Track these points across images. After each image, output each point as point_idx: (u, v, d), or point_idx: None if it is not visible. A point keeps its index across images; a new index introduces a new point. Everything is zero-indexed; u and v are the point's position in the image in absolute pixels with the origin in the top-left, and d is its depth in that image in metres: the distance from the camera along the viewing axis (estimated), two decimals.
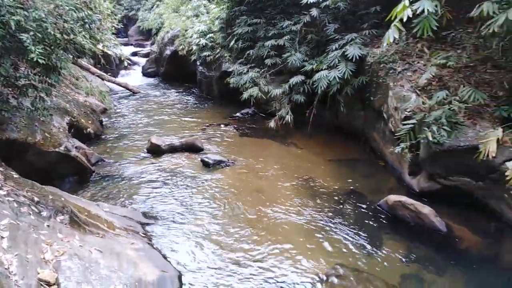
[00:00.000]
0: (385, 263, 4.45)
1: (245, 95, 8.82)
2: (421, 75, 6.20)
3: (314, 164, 6.94)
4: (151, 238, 4.75)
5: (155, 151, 7.33)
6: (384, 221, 5.18)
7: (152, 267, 3.82)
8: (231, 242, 4.76)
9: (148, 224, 5.06)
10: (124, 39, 21.66)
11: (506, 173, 4.01)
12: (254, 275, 4.22)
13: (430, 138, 5.07)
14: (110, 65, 13.71)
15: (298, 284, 4.10)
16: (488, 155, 4.23)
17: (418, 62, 6.69)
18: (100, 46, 8.19)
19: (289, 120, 8.05)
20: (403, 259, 4.51)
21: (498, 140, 4.28)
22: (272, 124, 8.21)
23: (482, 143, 4.32)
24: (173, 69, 13.77)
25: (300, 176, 6.46)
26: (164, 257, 4.34)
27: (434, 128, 5.14)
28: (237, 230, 4.98)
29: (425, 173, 5.64)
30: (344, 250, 4.65)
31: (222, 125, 9.11)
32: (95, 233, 3.88)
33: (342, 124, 8.22)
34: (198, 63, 11.99)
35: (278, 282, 4.12)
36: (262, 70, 9.14)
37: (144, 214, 5.26)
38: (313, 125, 7.96)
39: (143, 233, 4.64)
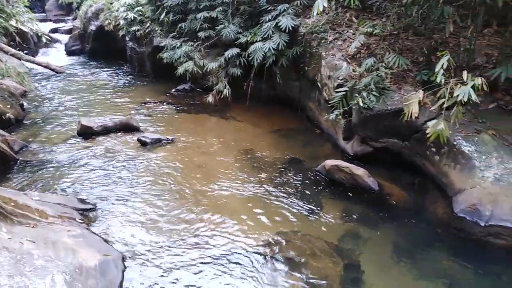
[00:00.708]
0: (325, 224, 4.70)
1: (180, 70, 8.56)
2: (350, 43, 6.44)
3: (254, 136, 7.02)
4: (90, 223, 4.55)
5: (87, 133, 6.92)
6: (322, 185, 5.44)
7: (93, 252, 3.67)
8: (175, 220, 4.71)
9: (85, 210, 4.82)
10: (42, 14, 19.71)
11: (427, 131, 4.36)
12: (199, 249, 4.24)
13: (361, 104, 5.34)
14: (27, 43, 12.46)
15: (242, 253, 4.20)
16: (411, 116, 4.56)
17: (348, 31, 6.93)
18: (13, 22, 7.41)
19: (227, 94, 8.00)
20: (341, 219, 4.80)
21: (419, 102, 4.62)
22: (210, 99, 8.10)
23: (406, 106, 4.64)
24: (100, 46, 12.89)
25: (241, 149, 6.51)
26: (106, 241, 4.19)
27: (364, 94, 5.41)
28: (180, 208, 4.94)
29: (358, 138, 5.96)
30: (287, 216, 4.83)
31: (158, 103, 8.80)
32: (25, 224, 3.62)
33: (279, 95, 8.35)
34: (127, 39, 11.34)
35: (223, 254, 4.19)
36: (196, 44, 8.90)
37: (81, 200, 4.99)
38: (251, 97, 8.00)
39: (80, 219, 4.42)
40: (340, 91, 5.84)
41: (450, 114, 4.38)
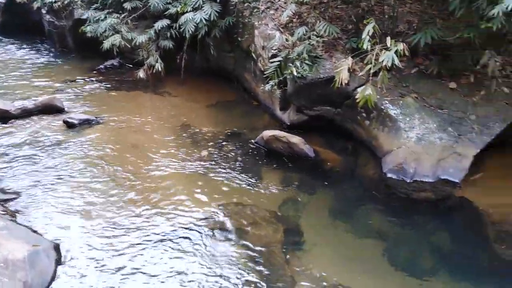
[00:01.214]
0: (265, 194, 4.80)
1: (106, 44, 7.97)
2: (282, 12, 6.41)
3: (191, 111, 6.85)
4: (15, 214, 4.21)
5: (4, 117, 6.27)
6: (261, 156, 5.51)
7: (21, 244, 3.43)
8: (111, 203, 4.52)
9: (8, 200, 4.44)
10: None
11: (356, 97, 4.55)
12: (140, 230, 4.14)
13: (295, 73, 5.40)
14: None
15: (185, 230, 4.17)
16: (341, 83, 4.71)
17: (279, 0, 6.89)
18: None
19: (160, 68, 7.65)
20: (281, 187, 4.93)
21: (348, 69, 4.77)
22: (141, 74, 7.70)
23: (336, 73, 4.78)
24: (12, 20, 11.53)
25: (178, 125, 6.34)
26: (35, 231, 3.92)
27: (298, 63, 5.47)
28: (116, 190, 4.73)
29: (294, 107, 6.07)
30: (228, 189, 4.85)
31: (84, 81, 8.20)
32: None
33: (214, 68, 8.17)
34: (43, 12, 10.27)
35: (165, 233, 4.14)
36: (123, 16, 8.31)
37: (1, 190, 4.58)
38: (185, 71, 7.73)
39: (3, 211, 4.06)
40: (275, 61, 5.85)
41: (377, 79, 4.59)
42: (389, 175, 4.86)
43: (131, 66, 8.77)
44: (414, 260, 4.06)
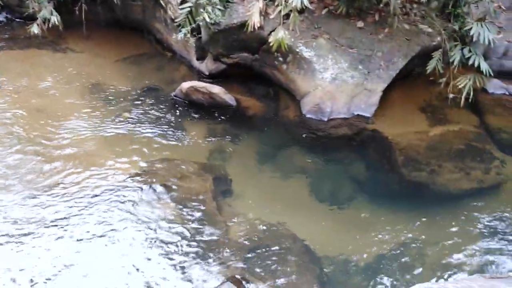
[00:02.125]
0: (190, 146, 4.74)
1: None
2: None
3: (100, 67, 6.30)
4: None
5: None
6: (182, 109, 5.35)
7: None
8: (21, 175, 4.11)
9: None
10: None
11: (269, 41, 4.53)
12: (63, 198, 3.88)
13: (207, 19, 5.17)
14: None
15: (110, 192, 4.00)
16: (254, 28, 4.64)
17: None
18: None
19: (56, 21, 6.76)
20: (205, 138, 4.89)
21: (260, 12, 4.69)
22: (35, 29, 6.76)
23: (248, 17, 4.67)
24: None
25: (87, 84, 5.81)
26: None
27: (209, 8, 5.22)
28: (24, 161, 4.30)
29: (211, 56, 5.89)
30: (151, 146, 4.68)
31: None
32: None
33: (121, 18, 7.47)
34: None
35: (88, 196, 3.93)
36: None
37: None
38: (88, 24, 6.96)
39: None
40: (185, 8, 5.51)
41: (289, 22, 4.60)
42: (308, 116, 5.07)
43: (21, 21, 7.67)
44: (335, 192, 4.42)
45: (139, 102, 5.49)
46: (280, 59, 5.39)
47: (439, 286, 2.19)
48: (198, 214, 3.89)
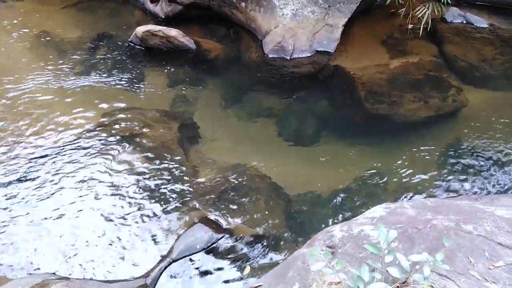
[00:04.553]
0: (152, 94, 4.62)
1: None
2: None
3: (46, 17, 5.83)
4: None
5: None
6: (140, 56, 5.12)
7: None
8: None
9: None
10: None
11: None
12: (19, 159, 3.75)
13: None
14: None
15: (71, 145, 3.89)
16: None
17: None
18: None
19: None
20: (167, 85, 4.76)
21: None
22: None
23: None
24: None
25: (34, 34, 5.41)
26: None
27: None
28: None
29: None
30: (110, 96, 4.52)
31: None
32: None
33: None
34: None
35: (50, 148, 3.83)
36: None
37: None
38: None
39: None
40: None
41: None
42: (271, 55, 4.97)
43: None
44: (301, 130, 4.48)
45: (93, 51, 5.20)
46: None
47: (396, 205, 2.33)
48: (165, 162, 3.87)
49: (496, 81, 4.68)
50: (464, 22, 5.43)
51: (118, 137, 3.99)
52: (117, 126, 4.11)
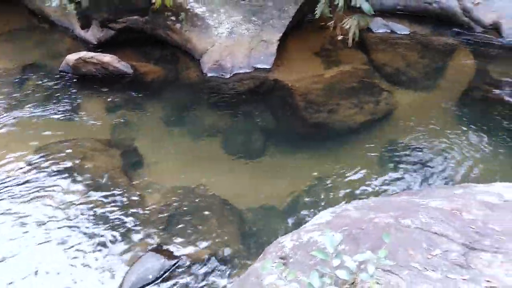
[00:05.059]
0: (90, 123, 4.44)
1: None
2: None
3: None
4: None
5: None
6: (74, 84, 4.92)
7: None
8: None
9: None
10: None
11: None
12: None
13: None
14: None
15: (7, 183, 3.61)
16: None
17: None
18: None
19: None
20: (106, 112, 4.61)
21: None
22: None
23: None
24: None
25: None
26: None
27: None
28: None
29: (97, 22, 5.41)
30: (45, 129, 4.30)
31: None
32: None
33: None
34: None
35: None
36: None
37: None
38: None
39: None
40: None
41: None
42: (209, 74, 5.00)
43: None
44: (247, 144, 4.51)
45: (22, 82, 4.95)
46: (173, 18, 5.16)
47: (341, 209, 2.41)
48: (109, 192, 3.72)
49: (421, 82, 5.06)
50: (388, 31, 5.84)
51: (54, 172, 3.77)
52: (53, 161, 3.89)
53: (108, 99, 4.73)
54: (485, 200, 2.39)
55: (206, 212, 3.62)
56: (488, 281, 1.63)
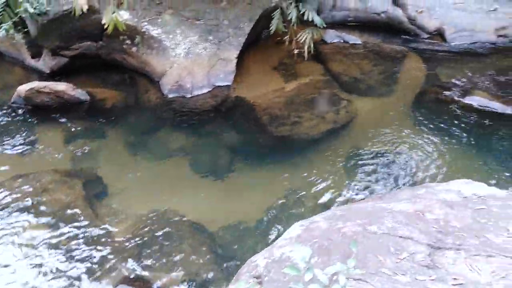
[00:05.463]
0: (49, 155, 4.28)
1: None
2: None
3: None
4: None
5: None
6: (27, 116, 4.73)
7: None
8: None
9: None
10: None
11: (103, 22, 4.22)
12: None
13: (31, 10, 4.55)
14: None
15: None
16: (82, 11, 4.25)
17: None
18: None
19: None
20: (65, 143, 4.46)
21: None
22: None
23: (73, 1, 4.26)
24: None
25: None
26: None
27: None
28: None
29: (48, 51, 5.25)
30: (1, 165, 4.07)
31: None
32: None
33: None
34: None
35: None
36: None
37: None
38: None
39: None
40: None
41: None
42: (170, 95, 4.96)
43: None
44: (213, 163, 4.47)
45: None
46: (128, 42, 5.10)
47: (310, 221, 2.42)
48: (74, 226, 3.56)
49: (376, 89, 5.25)
50: (342, 41, 6.05)
51: (15, 210, 3.59)
52: (12, 198, 3.70)
53: (66, 129, 4.57)
54: (445, 199, 2.49)
55: (177, 237, 3.54)
56: (454, 279, 1.68)
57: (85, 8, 4.14)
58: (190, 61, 4.98)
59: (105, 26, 4.16)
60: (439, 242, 1.91)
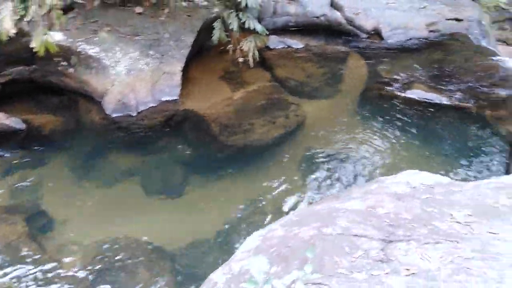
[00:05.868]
0: None
1: None
2: None
3: None
4: None
5: None
6: None
7: None
8: None
9: None
10: None
11: (32, 46, 3.98)
12: None
13: None
14: None
15: None
16: (8, 35, 3.99)
17: None
18: None
19: None
20: (2, 174, 4.11)
21: (11, 16, 4.04)
22: None
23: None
24: None
25: None
26: None
27: None
28: None
29: None
30: None
31: None
32: None
33: None
34: None
35: None
36: None
37: None
38: None
39: None
40: None
41: (53, 21, 4.11)
42: (114, 115, 4.74)
43: None
44: (168, 181, 4.33)
45: None
46: (64, 63, 4.84)
47: (267, 230, 2.38)
48: (17, 265, 3.29)
49: (323, 90, 5.36)
50: (285, 46, 6.13)
51: None
52: None
53: (1, 162, 4.22)
54: (396, 191, 2.55)
55: (134, 264, 3.37)
56: (407, 269, 1.70)
57: (12, 32, 3.87)
58: (132, 77, 4.80)
59: (34, 50, 3.91)
60: (391, 236, 1.93)
